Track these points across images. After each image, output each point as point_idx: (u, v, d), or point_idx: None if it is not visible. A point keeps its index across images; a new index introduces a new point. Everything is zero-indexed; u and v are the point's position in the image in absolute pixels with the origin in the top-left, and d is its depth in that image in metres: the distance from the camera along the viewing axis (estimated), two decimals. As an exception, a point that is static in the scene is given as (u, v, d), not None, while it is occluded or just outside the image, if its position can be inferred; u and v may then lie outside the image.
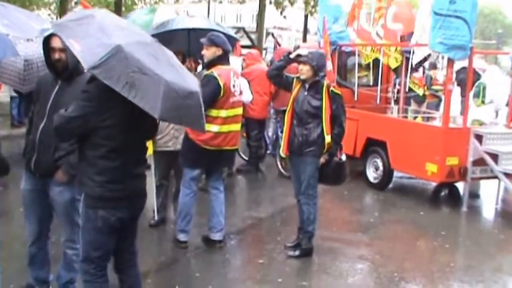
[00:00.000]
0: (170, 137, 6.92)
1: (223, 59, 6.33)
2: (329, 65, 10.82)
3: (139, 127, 3.89)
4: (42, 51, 4.43)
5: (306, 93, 6.35)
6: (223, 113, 6.27)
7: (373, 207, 9.22)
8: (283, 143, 6.59)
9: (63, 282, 4.82)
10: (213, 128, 6.21)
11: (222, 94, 6.19)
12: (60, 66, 4.36)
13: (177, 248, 6.53)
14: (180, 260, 6.31)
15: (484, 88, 13.59)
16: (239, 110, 6.54)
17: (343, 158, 6.58)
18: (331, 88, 6.29)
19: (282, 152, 6.64)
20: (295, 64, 6.50)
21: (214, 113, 6.20)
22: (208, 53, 6.29)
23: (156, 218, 7.29)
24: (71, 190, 4.49)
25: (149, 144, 7.03)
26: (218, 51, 6.26)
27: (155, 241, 6.90)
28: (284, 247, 6.66)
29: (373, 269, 6.40)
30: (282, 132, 10.62)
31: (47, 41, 4.36)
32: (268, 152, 11.34)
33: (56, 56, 4.34)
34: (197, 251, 6.54)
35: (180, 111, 3.69)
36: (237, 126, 6.52)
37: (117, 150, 3.80)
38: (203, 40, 6.33)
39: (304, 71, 6.28)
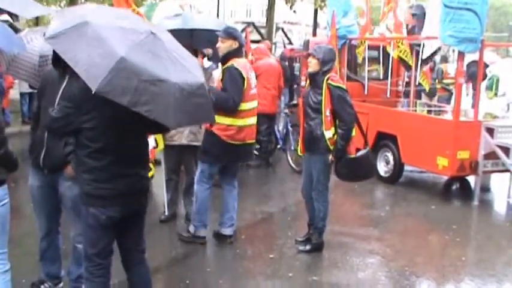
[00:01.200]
0: (175, 131, 6.87)
1: (239, 52, 6.29)
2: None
3: (131, 126, 3.81)
4: None
5: (309, 88, 6.36)
6: (245, 106, 6.24)
7: (384, 201, 9.19)
8: (299, 141, 6.61)
9: (73, 278, 4.81)
10: (239, 122, 6.21)
11: (245, 86, 6.19)
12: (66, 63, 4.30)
13: (187, 243, 6.54)
14: (191, 255, 6.32)
15: (498, 80, 13.52)
16: (256, 103, 6.51)
17: (362, 152, 6.40)
18: (329, 81, 6.15)
19: (299, 151, 6.65)
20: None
21: (242, 106, 6.20)
22: (224, 45, 6.21)
23: (166, 213, 7.30)
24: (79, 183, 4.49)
25: (159, 139, 7.05)
26: (234, 44, 6.20)
27: (166, 236, 6.91)
28: (295, 242, 6.66)
29: (384, 263, 6.38)
30: (291, 126, 10.77)
31: None
32: (278, 146, 11.33)
33: None
34: (208, 246, 6.56)
35: (192, 112, 3.65)
36: (255, 119, 6.50)
37: (102, 150, 3.77)
38: (219, 33, 6.27)
39: (312, 64, 6.25)
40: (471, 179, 9.77)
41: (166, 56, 3.64)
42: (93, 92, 3.30)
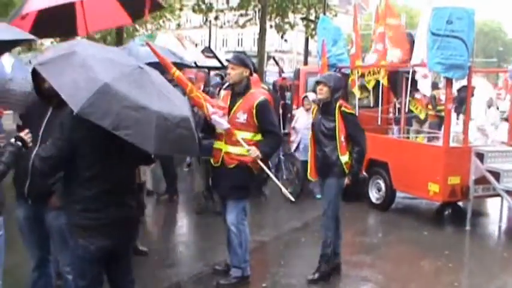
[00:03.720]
0: None
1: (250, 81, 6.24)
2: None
3: (120, 155, 3.83)
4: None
5: (320, 116, 6.46)
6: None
7: (376, 228, 9.22)
8: (309, 167, 6.68)
9: None
10: None
11: None
12: (51, 93, 4.14)
13: (180, 273, 6.54)
14: (183, 285, 6.31)
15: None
16: None
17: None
18: (343, 108, 6.31)
19: (310, 176, 6.73)
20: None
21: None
22: (234, 73, 6.03)
23: None
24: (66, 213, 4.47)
25: None
26: (245, 72, 6.06)
27: (159, 266, 6.89)
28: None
29: (376, 290, 6.39)
30: (283, 156, 10.81)
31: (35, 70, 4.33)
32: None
33: (46, 85, 4.20)
34: (200, 276, 6.55)
35: (174, 142, 3.69)
36: None
37: (94, 178, 3.80)
38: (230, 59, 6.19)
39: (324, 91, 6.34)
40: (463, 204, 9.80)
41: (152, 88, 3.72)
42: (74, 113, 3.39)
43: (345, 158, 6.30)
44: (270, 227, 8.97)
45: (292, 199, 6.74)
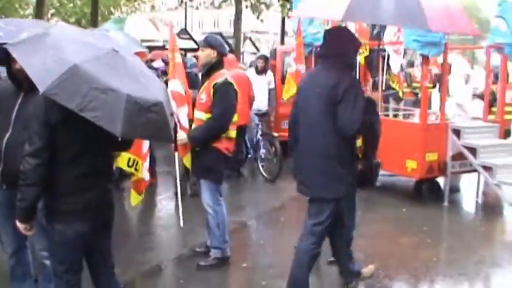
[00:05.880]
0: None
1: (222, 63, 6.18)
2: (301, 68, 10.90)
3: (97, 138, 3.74)
4: None
5: None
6: (235, 117, 6.18)
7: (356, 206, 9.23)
8: None
9: None
10: (234, 133, 6.18)
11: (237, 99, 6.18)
12: (21, 76, 4.15)
13: (160, 255, 6.52)
14: (164, 268, 6.30)
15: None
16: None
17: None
18: None
19: None
20: None
21: (233, 118, 6.12)
22: (202, 55, 6.06)
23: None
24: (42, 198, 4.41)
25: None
26: (213, 54, 6.02)
27: (139, 249, 6.87)
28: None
29: (356, 267, 6.41)
30: (262, 135, 10.79)
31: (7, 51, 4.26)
32: (249, 156, 11.34)
33: (17, 66, 4.13)
34: (180, 258, 6.54)
35: (144, 127, 3.61)
36: None
37: (71, 162, 3.74)
38: (199, 41, 6.18)
39: None
40: (441, 181, 9.88)
41: (125, 72, 3.64)
42: (40, 93, 3.35)
43: (358, 143, 6.18)
44: (249, 207, 8.98)
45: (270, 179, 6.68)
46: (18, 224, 3.91)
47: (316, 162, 4.91)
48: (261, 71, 11.61)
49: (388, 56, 10.58)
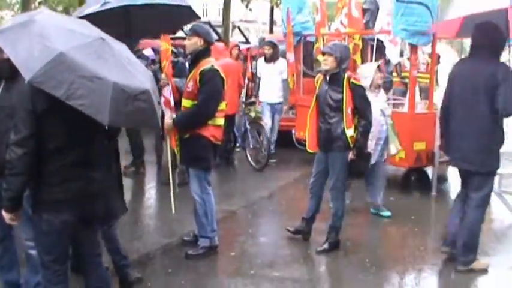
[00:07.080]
0: None
1: (209, 51, 6.15)
2: (290, 57, 10.88)
3: (86, 127, 3.70)
4: None
5: (326, 87, 6.28)
6: (223, 105, 6.15)
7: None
8: (308, 138, 6.55)
9: (31, 287, 4.69)
10: (221, 121, 6.15)
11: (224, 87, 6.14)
12: (7, 65, 4.07)
13: (148, 244, 6.51)
14: (152, 257, 6.28)
15: (436, 72, 13.75)
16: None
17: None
18: (352, 80, 6.17)
19: (309, 147, 6.59)
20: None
21: (221, 106, 6.09)
22: (189, 43, 6.04)
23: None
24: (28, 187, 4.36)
25: None
26: (200, 42, 5.99)
27: (127, 239, 6.84)
28: (287, 231, 6.73)
29: (344, 256, 6.44)
30: (250, 124, 10.78)
31: None
32: (237, 145, 11.33)
33: (4, 55, 4.00)
34: (169, 247, 6.53)
35: (132, 115, 3.60)
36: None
37: (58, 151, 3.70)
38: (186, 30, 6.17)
39: (328, 61, 6.17)
40: (429, 170, 9.91)
41: (112, 61, 3.62)
42: (26, 81, 3.33)
43: (350, 132, 6.17)
44: (238, 196, 8.96)
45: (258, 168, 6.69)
46: (4, 213, 3.87)
47: (475, 142, 5.65)
48: (269, 59, 11.17)
49: (383, 45, 10.49)
